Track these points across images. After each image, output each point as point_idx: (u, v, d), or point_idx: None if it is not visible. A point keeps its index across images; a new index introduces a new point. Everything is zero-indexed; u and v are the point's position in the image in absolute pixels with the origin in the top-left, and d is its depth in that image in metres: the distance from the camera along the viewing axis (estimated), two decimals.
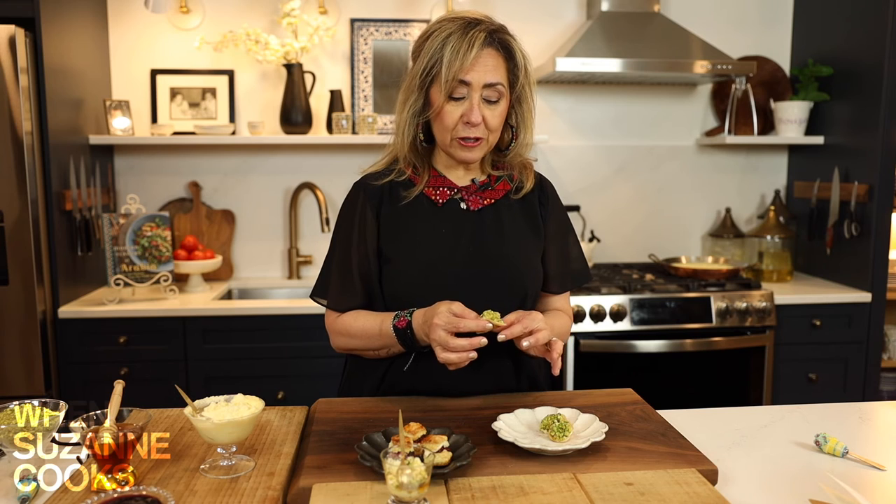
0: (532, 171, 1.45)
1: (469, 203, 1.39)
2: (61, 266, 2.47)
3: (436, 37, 1.28)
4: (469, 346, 1.17)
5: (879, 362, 2.80)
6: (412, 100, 1.32)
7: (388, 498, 0.94)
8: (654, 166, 3.20)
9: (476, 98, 1.28)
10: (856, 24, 2.79)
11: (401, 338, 1.29)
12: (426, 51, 1.29)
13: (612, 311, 2.59)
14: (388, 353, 1.35)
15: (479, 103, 1.28)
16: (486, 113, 1.29)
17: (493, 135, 1.34)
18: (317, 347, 2.50)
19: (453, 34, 1.26)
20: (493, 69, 1.28)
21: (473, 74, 1.26)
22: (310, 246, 3.08)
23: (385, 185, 1.38)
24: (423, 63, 1.29)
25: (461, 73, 1.26)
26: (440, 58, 1.26)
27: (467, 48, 1.25)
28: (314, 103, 2.94)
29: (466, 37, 1.25)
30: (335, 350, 1.45)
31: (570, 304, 1.53)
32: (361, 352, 1.39)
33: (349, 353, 1.44)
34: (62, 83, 2.51)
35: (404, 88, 1.34)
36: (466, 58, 1.25)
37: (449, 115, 1.29)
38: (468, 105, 1.28)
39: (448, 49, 1.25)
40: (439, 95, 1.28)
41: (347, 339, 1.38)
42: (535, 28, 3.02)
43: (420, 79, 1.29)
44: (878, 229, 2.71)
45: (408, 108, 1.32)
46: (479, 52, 1.26)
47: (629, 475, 1.04)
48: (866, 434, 1.33)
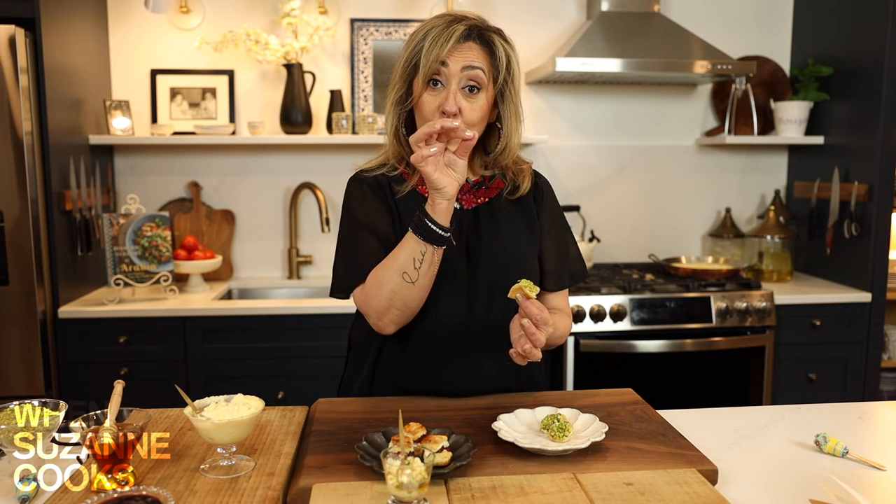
0: (529, 174, 1.43)
1: (463, 202, 1.38)
2: (61, 266, 2.47)
3: (419, 31, 1.30)
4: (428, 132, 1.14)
5: (879, 362, 2.80)
6: (395, 89, 1.33)
7: (388, 498, 0.94)
8: (654, 166, 3.20)
9: (453, 86, 1.26)
10: (856, 24, 2.79)
11: (418, 228, 1.20)
12: (409, 43, 1.30)
13: (612, 311, 2.59)
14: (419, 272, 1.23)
15: (457, 92, 1.26)
16: (464, 104, 1.27)
17: (471, 129, 1.27)
18: (317, 347, 2.50)
19: (436, 27, 1.28)
20: (475, 56, 1.28)
21: (454, 58, 1.26)
22: (310, 246, 3.08)
23: (381, 178, 1.38)
24: (406, 53, 1.30)
25: (440, 56, 1.25)
26: (421, 47, 1.27)
27: (447, 37, 1.26)
28: (314, 103, 2.94)
29: (448, 29, 1.27)
30: (380, 326, 1.30)
31: (568, 303, 1.52)
32: (399, 294, 1.25)
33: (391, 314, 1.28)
34: (62, 83, 2.51)
35: (390, 81, 1.35)
36: (445, 46, 1.25)
37: (427, 104, 1.28)
38: (445, 93, 1.26)
39: (429, 38, 1.26)
40: (419, 84, 1.29)
41: (379, 288, 1.26)
42: (535, 28, 3.02)
43: (403, 69, 1.31)
44: (878, 229, 2.71)
45: (391, 97, 1.33)
46: (458, 42, 1.26)
47: (629, 475, 1.04)
48: (866, 434, 1.33)
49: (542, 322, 1.15)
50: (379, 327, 1.31)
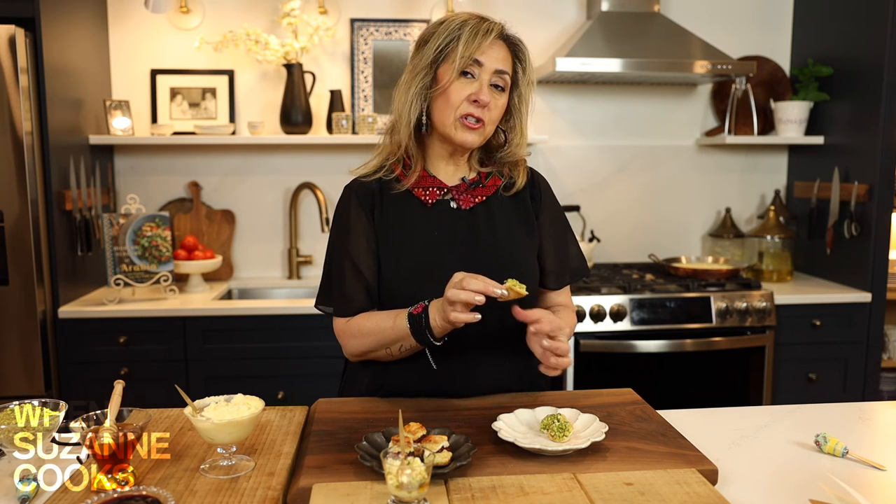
0: (524, 168, 1.44)
1: (460, 202, 1.38)
2: (61, 266, 2.47)
3: (452, 21, 1.32)
4: (474, 295, 1.14)
5: (879, 362, 2.80)
6: (421, 75, 1.33)
7: (388, 498, 0.94)
8: (654, 166, 3.20)
9: (486, 79, 1.31)
10: (856, 24, 2.79)
11: (414, 325, 1.24)
12: (441, 31, 1.31)
13: (612, 311, 2.59)
14: (400, 352, 1.31)
15: (488, 86, 1.31)
16: (491, 99, 1.31)
17: (491, 126, 1.35)
18: (317, 347, 2.50)
19: (470, 20, 1.31)
20: (504, 59, 1.33)
21: (487, 57, 1.30)
22: (310, 246, 3.08)
23: (374, 184, 1.38)
24: (437, 41, 1.31)
25: (477, 52, 1.29)
26: (458, 36, 1.29)
27: (485, 32, 1.30)
28: (314, 103, 2.94)
29: (484, 24, 1.31)
30: (348, 357, 1.42)
31: (571, 298, 1.52)
32: (374, 352, 1.34)
33: (363, 357, 1.39)
34: (62, 83, 2.51)
35: (409, 70, 1.35)
36: (484, 40, 1.29)
37: (456, 91, 1.29)
38: (478, 84, 1.30)
39: (466, 30, 1.29)
40: (449, 72, 1.30)
41: (360, 340, 1.34)
42: (535, 28, 3.02)
43: (434, 55, 1.31)
44: (878, 229, 2.71)
45: (415, 85, 1.33)
46: (494, 40, 1.31)
47: (629, 475, 1.04)
48: (866, 434, 1.33)
49: (557, 330, 1.20)
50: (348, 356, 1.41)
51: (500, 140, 1.42)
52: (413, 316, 1.25)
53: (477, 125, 1.31)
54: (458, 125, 1.31)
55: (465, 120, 1.31)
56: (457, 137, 1.32)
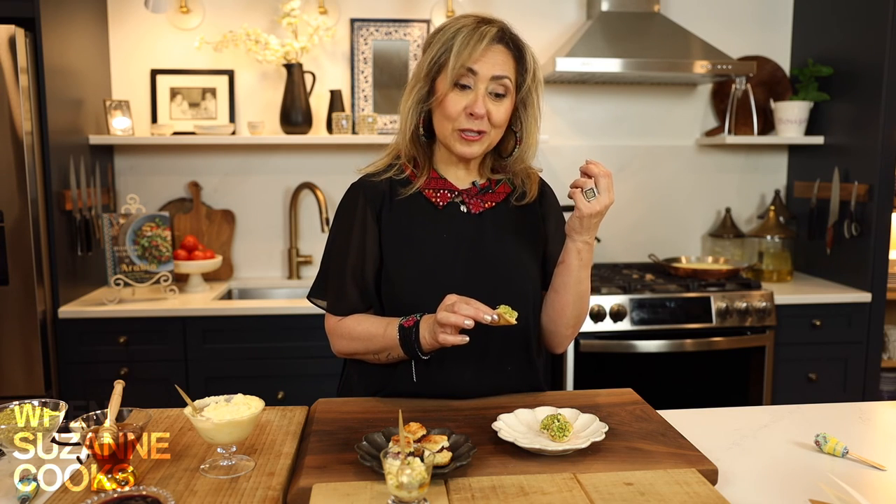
0: (537, 183, 1.44)
1: (470, 206, 1.38)
2: (61, 266, 2.47)
3: (448, 29, 1.30)
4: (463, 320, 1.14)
5: (879, 362, 2.80)
6: (417, 87, 1.32)
7: (388, 498, 0.94)
8: (654, 166, 3.20)
9: (482, 90, 1.28)
10: (856, 24, 2.79)
11: (404, 337, 1.26)
12: (437, 41, 1.30)
13: (612, 311, 2.59)
14: (387, 359, 1.33)
15: (485, 96, 1.28)
16: (491, 107, 1.29)
17: (496, 132, 1.33)
18: (317, 347, 2.50)
19: (465, 27, 1.28)
20: (502, 64, 1.29)
21: (481, 65, 1.27)
22: (310, 246, 3.08)
23: (384, 184, 1.37)
24: (432, 52, 1.29)
25: (469, 61, 1.26)
26: (450, 46, 1.27)
27: (478, 39, 1.26)
28: (314, 103, 2.94)
29: (478, 30, 1.27)
30: (335, 353, 1.44)
31: None
32: (362, 355, 1.38)
33: (349, 357, 1.43)
34: (62, 83, 2.51)
35: (411, 78, 1.35)
36: (476, 48, 1.26)
37: (452, 103, 1.28)
38: (473, 96, 1.28)
39: (459, 39, 1.26)
40: (445, 83, 1.28)
41: (349, 342, 1.36)
42: (535, 28, 3.02)
43: (428, 67, 1.30)
44: (878, 229, 2.71)
45: (413, 95, 1.32)
46: (489, 45, 1.27)
47: (629, 475, 1.04)
48: (866, 434, 1.33)
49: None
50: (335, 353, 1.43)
51: (512, 144, 1.40)
52: (404, 328, 1.26)
53: (475, 137, 1.30)
54: (456, 137, 1.31)
55: (462, 134, 1.30)
56: (456, 150, 1.32)
